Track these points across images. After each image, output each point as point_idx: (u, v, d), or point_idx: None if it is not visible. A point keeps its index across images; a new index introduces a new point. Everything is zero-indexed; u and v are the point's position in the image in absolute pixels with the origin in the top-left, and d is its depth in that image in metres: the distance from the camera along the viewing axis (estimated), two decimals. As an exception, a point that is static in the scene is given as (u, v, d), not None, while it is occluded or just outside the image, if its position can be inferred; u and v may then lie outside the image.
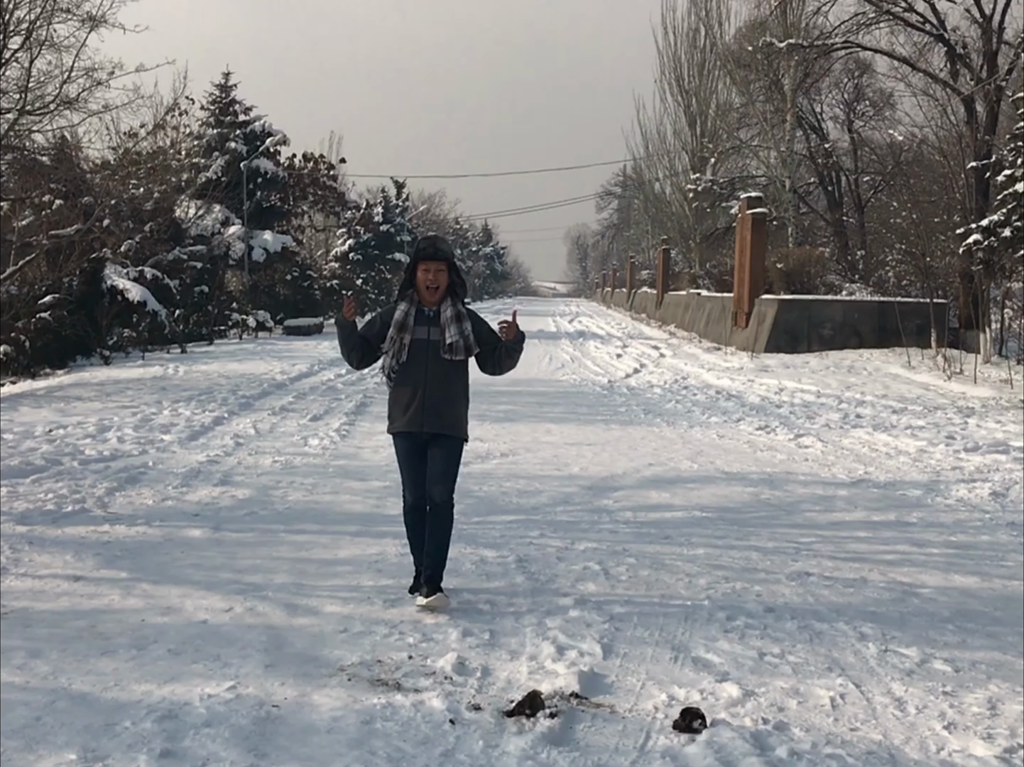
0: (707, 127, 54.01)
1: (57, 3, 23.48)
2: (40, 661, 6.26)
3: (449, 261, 7.32)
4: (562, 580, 8.03)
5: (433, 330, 7.28)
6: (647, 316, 60.13)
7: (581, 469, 12.83)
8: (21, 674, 6.05)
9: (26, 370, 26.63)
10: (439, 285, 7.27)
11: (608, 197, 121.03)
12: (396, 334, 7.26)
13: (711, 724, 5.34)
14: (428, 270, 7.24)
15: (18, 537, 9.24)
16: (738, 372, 25.68)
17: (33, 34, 23.53)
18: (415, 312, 7.30)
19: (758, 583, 8.01)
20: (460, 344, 7.26)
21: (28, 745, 5.10)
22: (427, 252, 7.26)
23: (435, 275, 7.25)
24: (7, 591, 7.71)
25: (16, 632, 6.81)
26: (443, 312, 7.29)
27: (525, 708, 5.48)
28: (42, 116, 25.08)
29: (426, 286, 7.26)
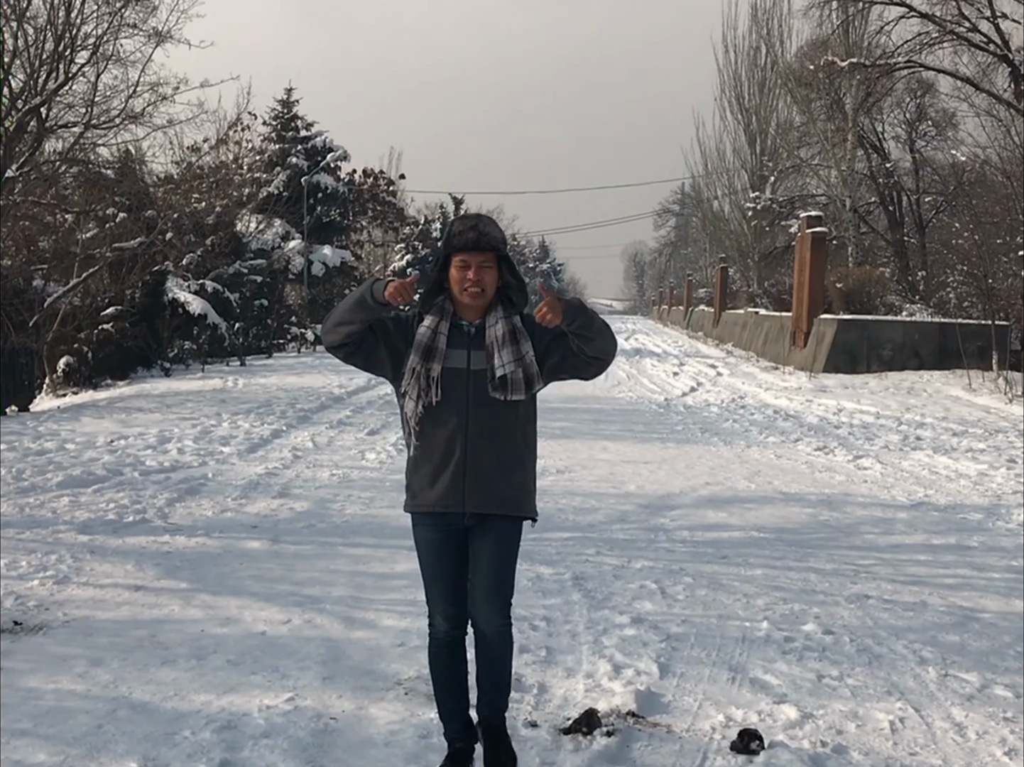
0: (767, 145, 53.75)
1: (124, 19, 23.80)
2: (101, 670, 6.33)
3: (499, 251, 4.83)
4: (618, 598, 8.01)
5: (476, 355, 4.83)
6: (704, 334, 59.88)
7: (637, 487, 12.80)
8: (83, 682, 6.12)
9: (88, 381, 26.97)
10: (484, 288, 4.80)
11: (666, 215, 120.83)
12: (420, 363, 4.81)
13: (769, 746, 5.32)
14: (467, 265, 4.77)
15: (80, 546, 9.36)
16: (796, 392, 25.53)
17: (100, 49, 23.87)
18: (448, 329, 4.87)
19: (816, 605, 7.96)
20: (518, 377, 4.81)
21: (89, 753, 5.16)
22: (466, 239, 4.75)
23: (478, 272, 4.77)
24: (69, 600, 7.81)
25: (78, 640, 6.89)
26: (490, 328, 4.85)
27: (582, 726, 5.47)
28: (107, 130, 25.44)
29: (464, 289, 4.79)
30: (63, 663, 6.42)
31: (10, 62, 23.00)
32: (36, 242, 28.67)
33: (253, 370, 29.64)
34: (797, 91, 44.92)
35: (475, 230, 4.79)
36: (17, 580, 8.23)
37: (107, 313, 28.67)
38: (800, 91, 44.33)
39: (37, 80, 23.25)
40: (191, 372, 29.37)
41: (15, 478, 12.22)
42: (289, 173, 45.93)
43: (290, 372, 28.85)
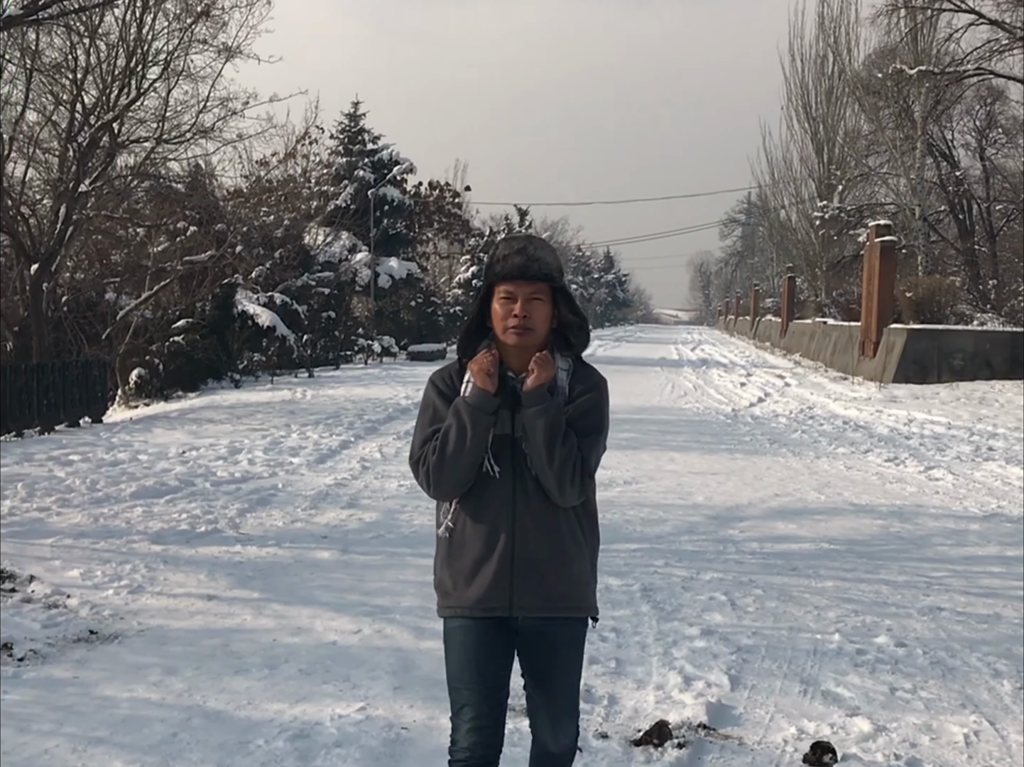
0: (835, 154, 53.40)
1: (194, 35, 24.04)
2: (176, 678, 6.40)
3: (553, 282, 3.91)
4: (688, 610, 7.99)
5: (520, 419, 3.88)
6: (771, 345, 59.55)
7: (705, 498, 12.76)
8: (157, 691, 6.20)
9: (160, 392, 27.30)
10: (533, 326, 3.88)
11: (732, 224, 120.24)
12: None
13: (842, 759, 5.29)
14: (513, 297, 3.86)
15: (153, 556, 9.47)
16: (866, 402, 25.31)
17: (171, 65, 24.12)
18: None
19: (888, 617, 7.89)
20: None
21: (164, 761, 5.22)
22: (511, 264, 3.87)
23: (525, 306, 3.86)
24: (143, 609, 7.91)
25: (152, 649, 6.98)
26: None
27: (653, 738, 5.47)
28: (178, 145, 25.68)
29: (508, 327, 3.87)
30: (138, 672, 6.51)
31: (83, 78, 23.33)
32: (109, 256, 29.12)
33: (321, 381, 29.84)
34: (865, 99, 44.64)
35: (523, 254, 3.85)
36: (92, 590, 8.35)
37: (178, 326, 29.02)
38: (868, 99, 44.04)
39: (109, 96, 23.55)
40: (260, 384, 29.63)
41: (89, 489, 12.39)
42: (356, 186, 46.22)
43: (357, 383, 29.01)
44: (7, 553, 9.38)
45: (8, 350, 23.22)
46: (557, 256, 3.97)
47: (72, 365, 20.91)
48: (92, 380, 21.24)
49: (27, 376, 18.96)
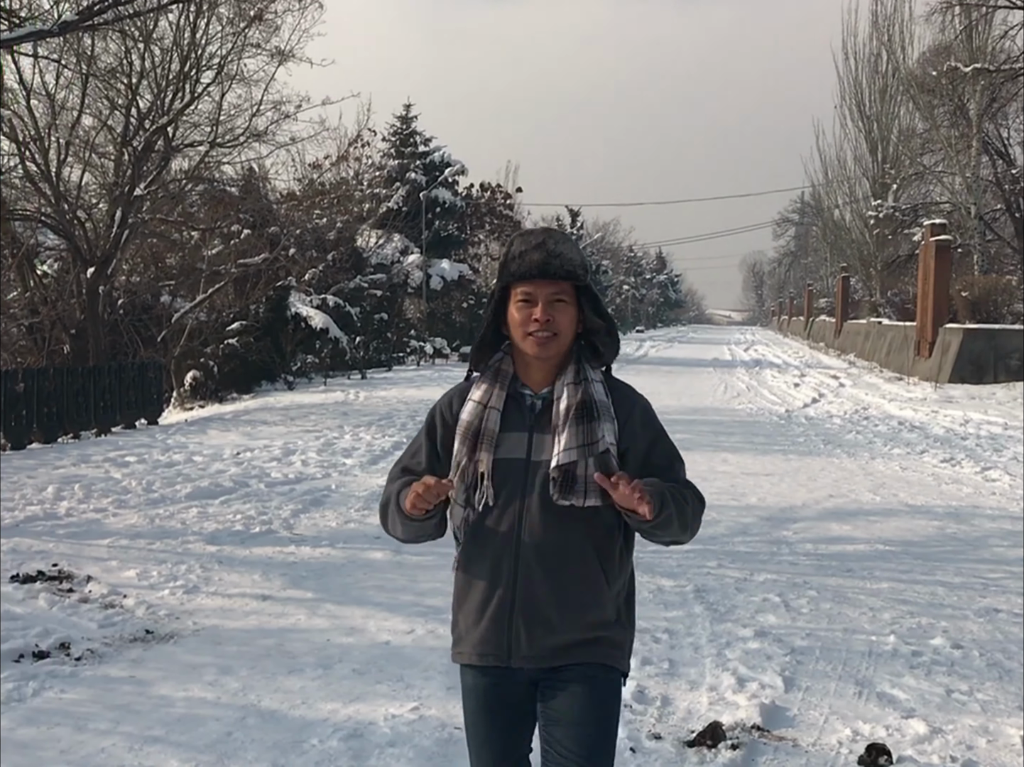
0: (889, 153, 53.02)
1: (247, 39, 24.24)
2: (231, 678, 6.44)
3: (577, 280, 3.41)
4: (741, 611, 7.96)
5: (540, 441, 3.40)
6: (825, 345, 59.18)
7: (759, 499, 12.70)
8: (212, 690, 6.25)
9: (214, 394, 27.51)
10: (557, 331, 3.38)
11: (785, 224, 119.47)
12: (466, 454, 3.42)
13: (897, 760, 5.25)
14: (532, 300, 3.38)
15: (208, 556, 9.55)
16: (921, 403, 25.09)
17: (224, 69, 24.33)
18: (504, 401, 3.46)
19: (944, 619, 7.82)
20: (584, 471, 3.31)
21: (220, 759, 5.26)
22: (529, 262, 3.37)
23: (547, 310, 3.36)
24: (198, 609, 7.97)
25: (207, 649, 7.03)
26: (557, 400, 3.40)
27: (707, 739, 5.45)
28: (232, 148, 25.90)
29: (529, 334, 3.38)
30: (193, 671, 6.56)
31: (138, 83, 23.56)
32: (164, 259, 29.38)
33: (374, 383, 29.95)
34: (919, 97, 44.24)
35: (542, 250, 3.35)
36: (148, 590, 8.42)
37: (232, 328, 29.24)
38: (922, 97, 43.64)
39: (164, 100, 23.78)
40: (314, 385, 29.79)
41: (145, 490, 12.50)
42: (408, 188, 46.37)
43: (410, 385, 29.10)
44: (65, 554, 9.49)
45: (65, 353, 23.47)
46: (580, 251, 3.48)
47: (128, 367, 21.14)
48: (148, 382, 21.45)
49: (84, 379, 19.17)
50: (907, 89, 47.73)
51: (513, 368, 3.48)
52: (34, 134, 22.76)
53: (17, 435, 17.11)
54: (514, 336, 3.43)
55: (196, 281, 28.66)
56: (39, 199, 23.17)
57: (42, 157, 22.69)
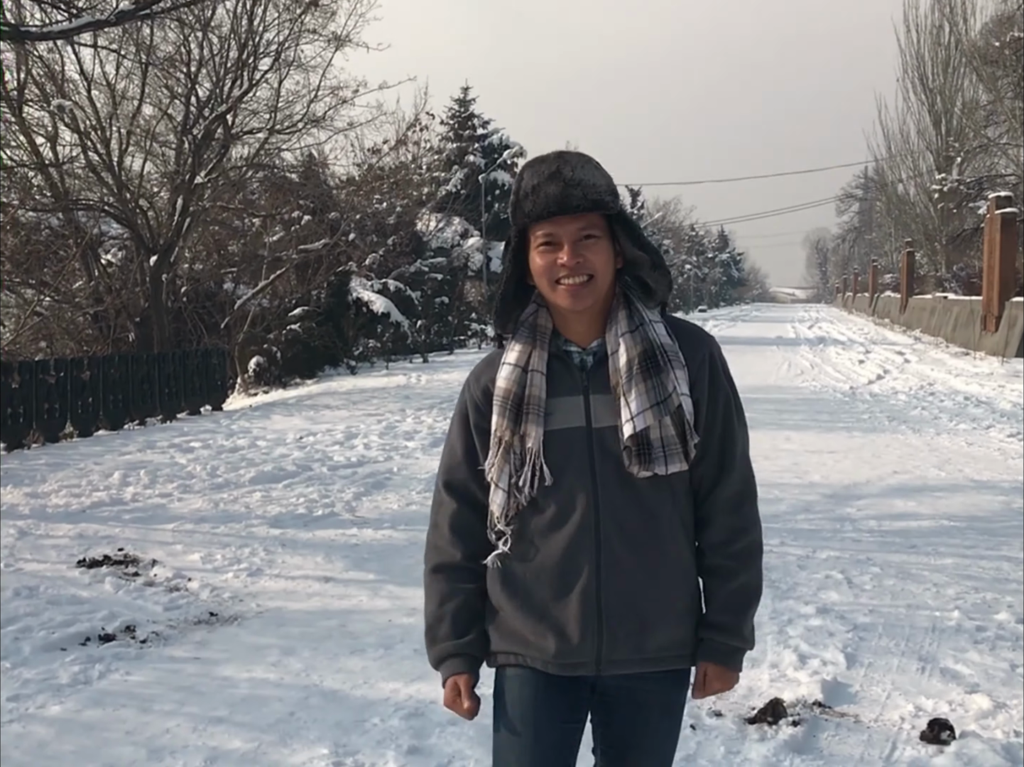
0: (952, 126, 52.37)
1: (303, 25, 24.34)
2: (293, 659, 6.50)
3: (606, 208, 2.84)
4: (803, 588, 7.91)
5: (600, 403, 2.89)
6: (890, 321, 58.60)
7: (822, 477, 12.60)
8: (276, 671, 6.30)
9: (278, 380, 27.72)
10: (593, 272, 2.85)
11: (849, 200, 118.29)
12: (508, 428, 2.92)
13: (960, 736, 5.20)
14: (556, 241, 2.84)
15: (272, 539, 9.63)
16: (988, 377, 24.79)
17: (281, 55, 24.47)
18: (548, 362, 2.94)
19: (1010, 594, 7.73)
20: (664, 433, 2.85)
21: (282, 739, 5.30)
22: (545, 197, 2.80)
23: (576, 251, 2.82)
24: (262, 591, 8.04)
25: (271, 631, 7.10)
26: (613, 354, 2.89)
27: (767, 715, 5.43)
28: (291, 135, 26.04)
29: (558, 282, 2.85)
30: (257, 652, 6.62)
31: (196, 71, 23.74)
32: (225, 246, 29.59)
33: (435, 366, 30.03)
34: (983, 69, 43.60)
35: (558, 180, 2.77)
36: (213, 573, 8.51)
37: (294, 314, 29.42)
38: (986, 69, 43.00)
39: (223, 88, 23.95)
40: (376, 369, 29.92)
41: (210, 475, 12.62)
42: (467, 171, 46.37)
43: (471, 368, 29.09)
44: (131, 538, 9.61)
45: (130, 341, 23.74)
46: (605, 172, 2.85)
47: (192, 354, 21.35)
48: (212, 369, 21.65)
49: (148, 366, 19.38)
50: (970, 61, 47.06)
51: (552, 322, 2.94)
52: (95, 124, 23.00)
53: (84, 422, 17.34)
54: (541, 287, 2.89)
55: (258, 268, 28.86)
56: (101, 188, 23.44)
57: (104, 147, 22.93)
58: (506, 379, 2.92)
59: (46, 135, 22.76)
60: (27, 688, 5.95)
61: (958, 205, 46.89)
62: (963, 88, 52.13)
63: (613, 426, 2.83)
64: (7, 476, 12.58)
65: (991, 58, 41.46)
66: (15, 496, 11.42)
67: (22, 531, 9.80)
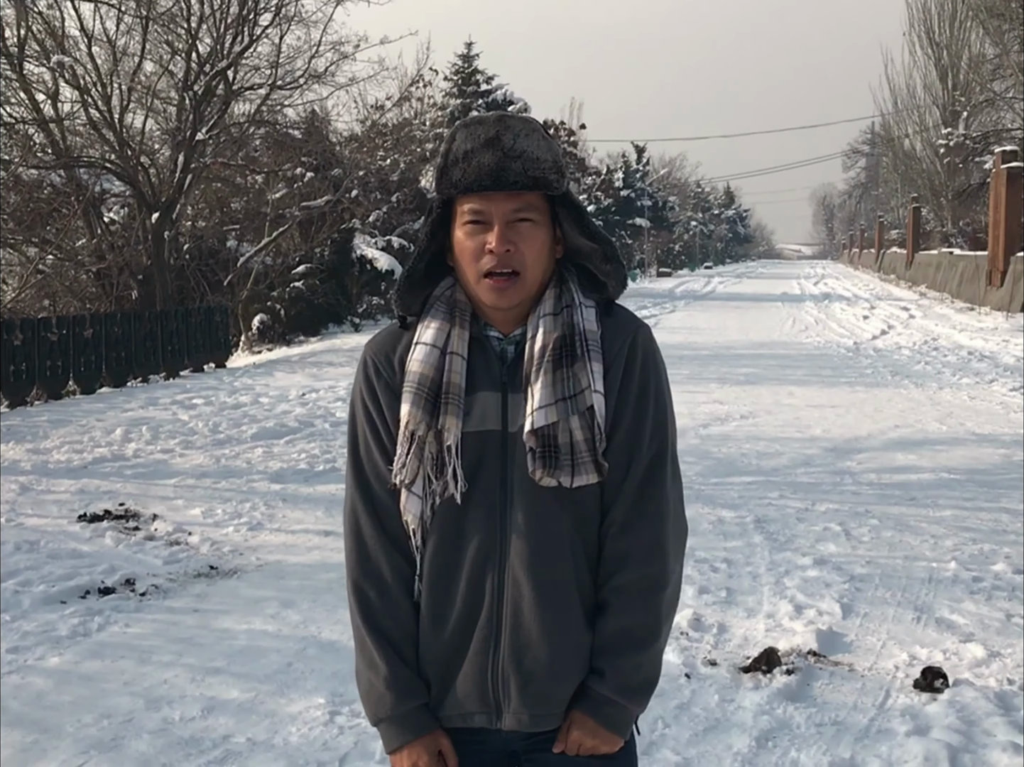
0: (959, 80, 52.05)
1: (304, -22, 24.22)
2: (292, 611, 6.53)
3: (550, 188, 2.38)
4: (801, 540, 7.92)
5: (517, 403, 2.40)
6: (896, 277, 58.47)
7: (823, 431, 12.60)
8: (274, 623, 6.34)
9: (281, 337, 27.72)
10: (520, 267, 2.37)
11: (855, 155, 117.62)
12: (423, 421, 2.39)
13: (953, 684, 5.22)
14: (484, 220, 2.37)
15: (273, 494, 9.66)
16: (992, 332, 24.77)
17: (282, 11, 24.33)
18: (468, 347, 2.44)
19: (1008, 545, 7.74)
20: (578, 438, 2.36)
21: (280, 689, 5.34)
22: (480, 167, 2.35)
23: (505, 235, 2.35)
24: (262, 545, 8.08)
25: (270, 583, 7.13)
26: (534, 337, 2.40)
27: (761, 664, 5.45)
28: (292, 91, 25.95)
29: (483, 276, 2.38)
30: (256, 605, 6.65)
31: (197, 27, 23.62)
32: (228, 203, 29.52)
33: (439, 323, 29.97)
34: (989, 23, 43.28)
35: (496, 147, 2.35)
36: (213, 527, 8.54)
37: (298, 271, 29.36)
38: (992, 23, 42.69)
39: (223, 44, 23.83)
40: (380, 327, 29.84)
41: (212, 431, 12.64)
42: (471, 127, 46.20)
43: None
44: (132, 493, 9.65)
45: (133, 299, 23.71)
46: (553, 145, 2.42)
47: (195, 312, 21.35)
48: (215, 326, 21.66)
49: (151, 323, 19.38)
50: (976, 14, 46.72)
51: (469, 305, 2.44)
52: (96, 80, 22.89)
53: (87, 380, 17.37)
54: (462, 273, 2.41)
55: (261, 225, 28.77)
56: (103, 145, 23.35)
57: (105, 104, 22.82)
58: (421, 362, 2.38)
59: (47, 92, 22.66)
60: (26, 640, 5.99)
61: (964, 160, 46.69)
62: (970, 42, 51.78)
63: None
64: (9, 432, 12.61)
65: (998, 11, 41.14)
66: (17, 452, 11.45)
67: (23, 486, 9.84)
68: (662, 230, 76.22)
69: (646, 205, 68.25)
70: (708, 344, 22.99)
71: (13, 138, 22.07)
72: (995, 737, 4.69)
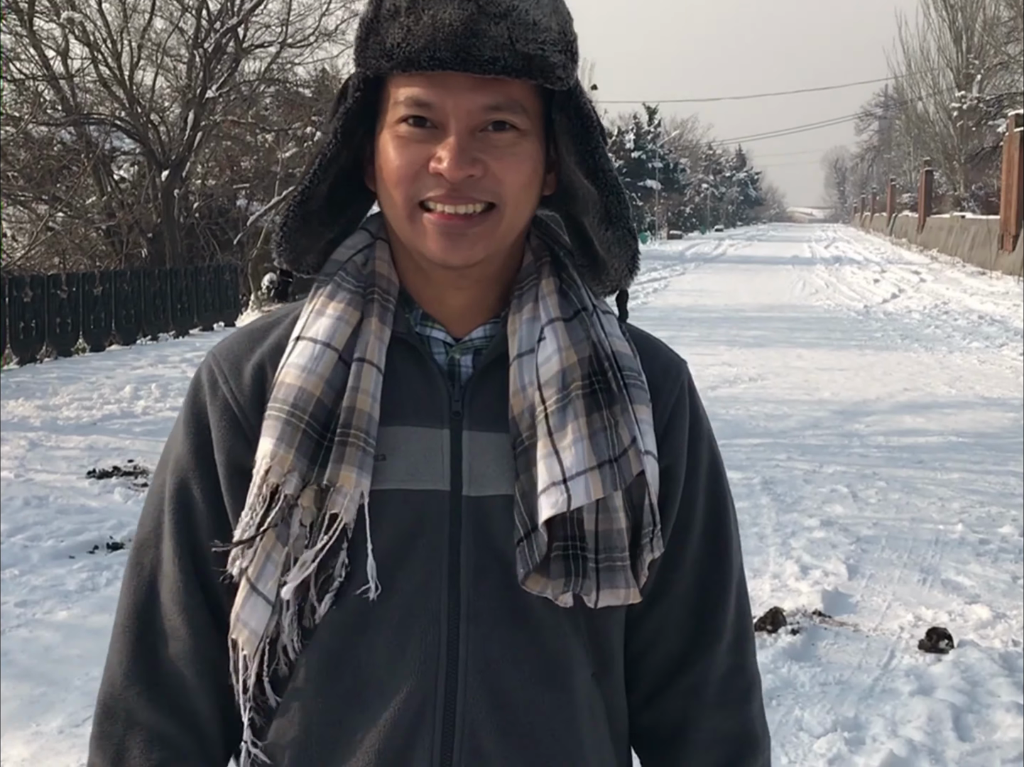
0: (973, 42, 51.71)
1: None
2: (299, 566, 6.54)
3: (550, 74, 1.29)
4: (808, 502, 7.93)
5: (481, 449, 1.38)
6: (908, 241, 58.27)
7: (832, 394, 12.59)
8: (282, 578, 6.35)
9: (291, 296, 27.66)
10: (497, 200, 1.32)
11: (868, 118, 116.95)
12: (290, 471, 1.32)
13: (958, 645, 5.24)
14: (430, 117, 1.30)
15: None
16: (1003, 296, 24.70)
17: (293, -33, 24.18)
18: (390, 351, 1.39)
19: (1015, 508, 7.75)
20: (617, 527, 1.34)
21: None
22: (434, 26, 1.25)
23: (466, 150, 1.29)
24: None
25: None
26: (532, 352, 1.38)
27: (767, 624, 5.47)
28: (303, 49, 25.82)
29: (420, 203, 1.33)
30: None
31: (208, -17, 23.49)
32: (238, 162, 29.41)
33: (449, 284, 29.97)
34: (1006, -17, 42.98)
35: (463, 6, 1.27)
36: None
37: (307, 231, 29.30)
38: (1009, -17, 42.40)
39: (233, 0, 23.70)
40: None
41: (220, 389, 12.63)
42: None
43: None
44: (140, 450, 9.66)
45: (143, 256, 23.70)
46: (561, 6, 1.37)
47: (204, 270, 21.33)
48: (224, 285, 21.65)
49: (161, 281, 19.36)
50: (993, -25, 46.38)
51: (399, 277, 1.47)
52: (106, 37, 22.79)
53: (96, 337, 17.36)
54: (388, 206, 1.41)
55: (271, 184, 28.67)
56: (113, 103, 23.27)
57: (115, 60, 22.73)
58: (302, 369, 1.39)
59: (56, 48, 22.55)
60: (35, 594, 6.02)
61: (977, 123, 46.46)
62: (984, 4, 51.39)
63: (504, 496, 1.38)
64: (19, 389, 12.63)
65: (1014, -27, 40.85)
66: (27, 408, 11.47)
67: (33, 443, 9.86)
68: (673, 192, 75.94)
69: (657, 167, 68.01)
70: (718, 307, 22.94)
71: (23, 95, 21.98)
72: (999, 697, 4.71)
